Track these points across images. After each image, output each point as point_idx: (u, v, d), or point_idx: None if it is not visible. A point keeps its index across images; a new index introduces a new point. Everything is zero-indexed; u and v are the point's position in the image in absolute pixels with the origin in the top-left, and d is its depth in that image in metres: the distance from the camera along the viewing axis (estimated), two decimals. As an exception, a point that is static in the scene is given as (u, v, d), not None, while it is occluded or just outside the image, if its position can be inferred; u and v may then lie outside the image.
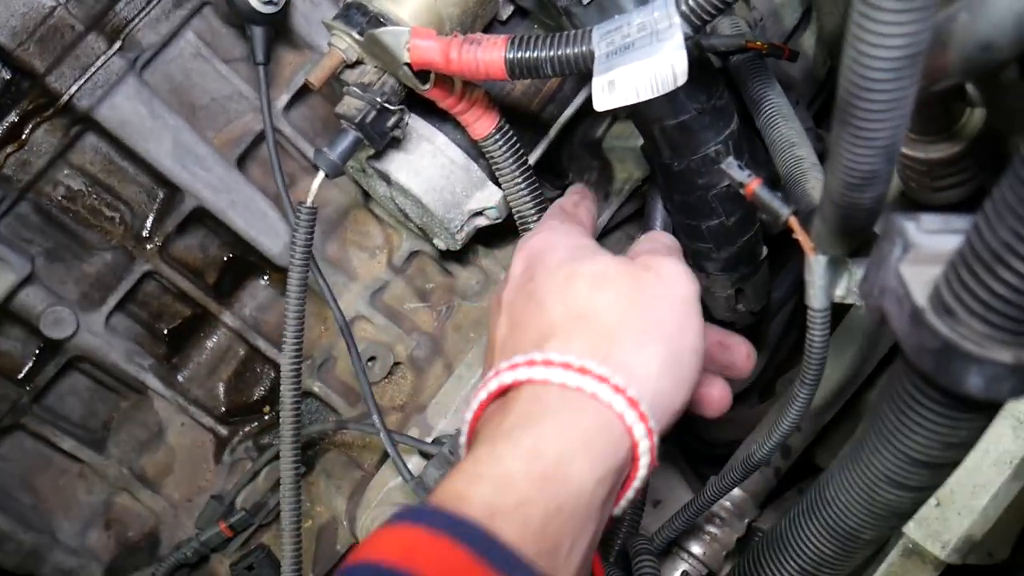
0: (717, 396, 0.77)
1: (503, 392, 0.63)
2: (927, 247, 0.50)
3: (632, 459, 0.61)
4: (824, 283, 0.66)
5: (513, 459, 0.57)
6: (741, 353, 0.80)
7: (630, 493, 0.63)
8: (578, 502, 0.56)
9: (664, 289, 0.68)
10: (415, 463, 1.03)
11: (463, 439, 0.66)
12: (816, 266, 0.65)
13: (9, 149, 0.92)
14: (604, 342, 0.63)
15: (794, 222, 0.64)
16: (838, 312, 0.84)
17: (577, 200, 0.90)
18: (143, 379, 1.07)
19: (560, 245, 0.73)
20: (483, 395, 0.64)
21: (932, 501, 0.79)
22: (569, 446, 0.58)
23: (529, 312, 0.68)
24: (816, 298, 0.67)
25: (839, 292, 0.68)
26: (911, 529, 0.80)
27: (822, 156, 0.90)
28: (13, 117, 0.91)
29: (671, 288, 0.68)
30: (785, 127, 0.91)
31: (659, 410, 0.63)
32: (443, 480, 0.58)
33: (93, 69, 0.92)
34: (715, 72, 0.91)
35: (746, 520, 1.10)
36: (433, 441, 1.04)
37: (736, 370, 0.79)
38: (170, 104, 0.99)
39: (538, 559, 0.52)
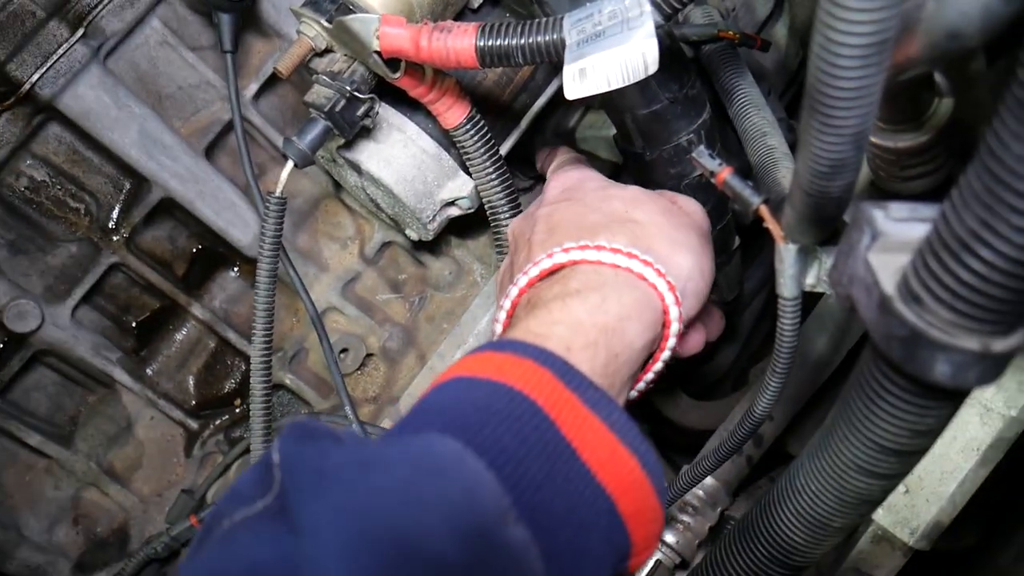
0: (695, 339, 0.87)
1: (553, 272, 0.73)
2: (895, 235, 0.50)
3: (663, 336, 0.73)
4: (794, 272, 0.66)
5: (583, 311, 0.67)
6: (715, 318, 0.93)
7: (658, 365, 0.75)
8: (630, 355, 0.69)
9: (688, 218, 0.81)
10: (388, 455, 1.03)
11: (503, 314, 0.75)
12: (786, 255, 0.65)
13: (-31, 139, 0.90)
14: (643, 241, 0.74)
15: (764, 211, 0.64)
16: (809, 301, 0.84)
17: (579, 155, 1.02)
18: (111, 373, 1.05)
19: (594, 177, 0.87)
20: (535, 271, 0.74)
21: (901, 488, 0.80)
22: (625, 310, 0.69)
23: (572, 214, 0.79)
24: (786, 287, 0.67)
25: (809, 281, 0.68)
26: (880, 516, 0.81)
27: (794, 146, 0.91)
28: (-27, 106, 0.89)
29: (693, 218, 0.82)
30: (757, 116, 0.91)
31: (688, 298, 0.75)
32: (515, 327, 0.69)
33: (55, 57, 0.90)
34: (687, 61, 0.90)
35: (719, 509, 1.10)
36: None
37: (707, 332, 0.90)
38: (136, 93, 0.97)
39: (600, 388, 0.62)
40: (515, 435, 0.55)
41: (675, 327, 0.72)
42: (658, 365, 0.75)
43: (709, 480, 1.10)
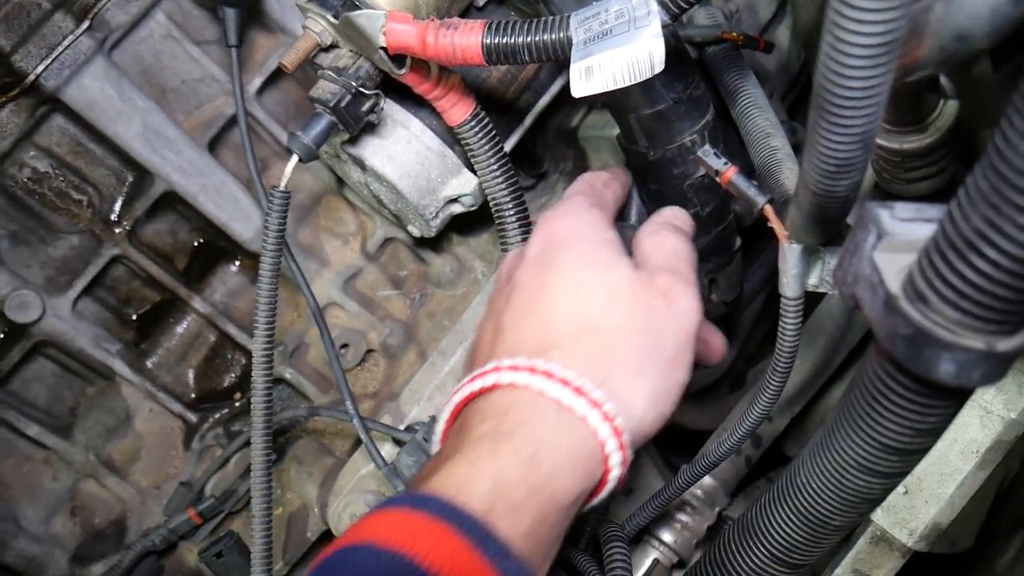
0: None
1: (495, 388, 0.64)
2: (901, 235, 0.50)
3: (601, 482, 0.64)
4: (798, 271, 0.66)
5: (512, 465, 0.59)
6: (717, 346, 0.81)
7: (587, 507, 0.66)
8: (559, 516, 0.60)
9: (674, 322, 0.68)
10: (388, 450, 1.03)
11: (441, 426, 0.67)
12: (790, 254, 0.66)
13: (-27, 129, 0.90)
14: (604, 363, 0.65)
15: (769, 210, 0.64)
16: (809, 303, 0.85)
17: (608, 180, 0.87)
18: (111, 364, 1.05)
19: (582, 238, 0.72)
20: (476, 386, 0.65)
21: (900, 489, 0.80)
22: (559, 464, 0.60)
23: (539, 308, 0.69)
24: (789, 286, 0.67)
25: (812, 281, 0.68)
26: (879, 516, 0.81)
27: (796, 148, 0.91)
28: (-23, 97, 0.89)
29: (681, 321, 0.69)
30: (760, 118, 0.91)
31: (637, 438, 0.66)
32: (439, 468, 0.60)
33: (60, 49, 0.90)
34: (691, 62, 0.91)
35: (717, 508, 1.11)
36: (406, 428, 1.03)
37: (708, 361, 0.81)
38: (140, 86, 0.97)
39: (520, 559, 0.55)
40: None
41: (616, 472, 0.63)
42: (587, 507, 0.66)
43: (707, 480, 1.10)
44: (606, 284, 0.68)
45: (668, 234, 0.77)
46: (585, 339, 0.65)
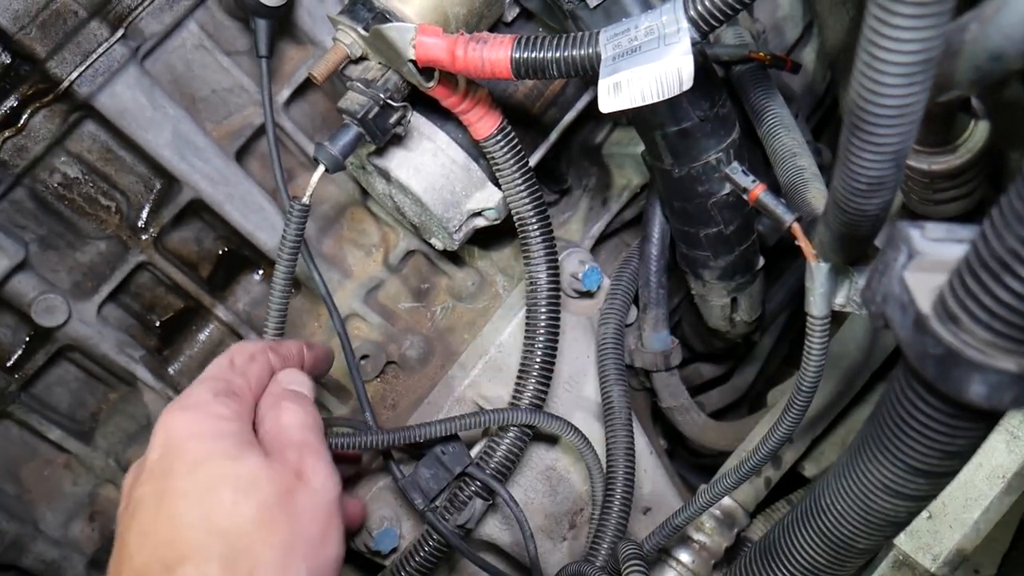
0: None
1: None
2: (931, 255, 0.50)
3: None
4: (825, 291, 0.66)
5: None
6: (355, 513, 0.94)
7: None
8: None
9: (312, 499, 0.65)
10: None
11: None
12: (818, 273, 0.65)
13: (7, 134, 0.91)
14: (244, 567, 0.59)
15: (797, 228, 0.64)
16: (832, 325, 0.84)
17: (254, 353, 0.78)
18: (133, 370, 1.06)
19: (206, 433, 0.66)
20: None
21: (924, 513, 0.79)
22: None
23: (163, 520, 0.62)
24: (816, 305, 0.67)
25: (839, 300, 0.68)
26: (902, 541, 0.80)
27: (821, 169, 0.91)
28: (12, 102, 0.90)
29: (320, 498, 0.66)
30: (787, 137, 0.91)
31: None
32: None
33: (95, 56, 0.91)
34: (718, 81, 0.91)
35: (735, 530, 1.10)
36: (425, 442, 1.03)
37: (352, 526, 0.90)
38: (170, 94, 0.98)
39: None
40: None
41: None
42: None
43: (727, 500, 1.09)
44: (233, 478, 0.62)
45: (287, 405, 0.73)
46: (218, 544, 0.60)
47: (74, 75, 0.90)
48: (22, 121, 0.91)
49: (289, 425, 0.70)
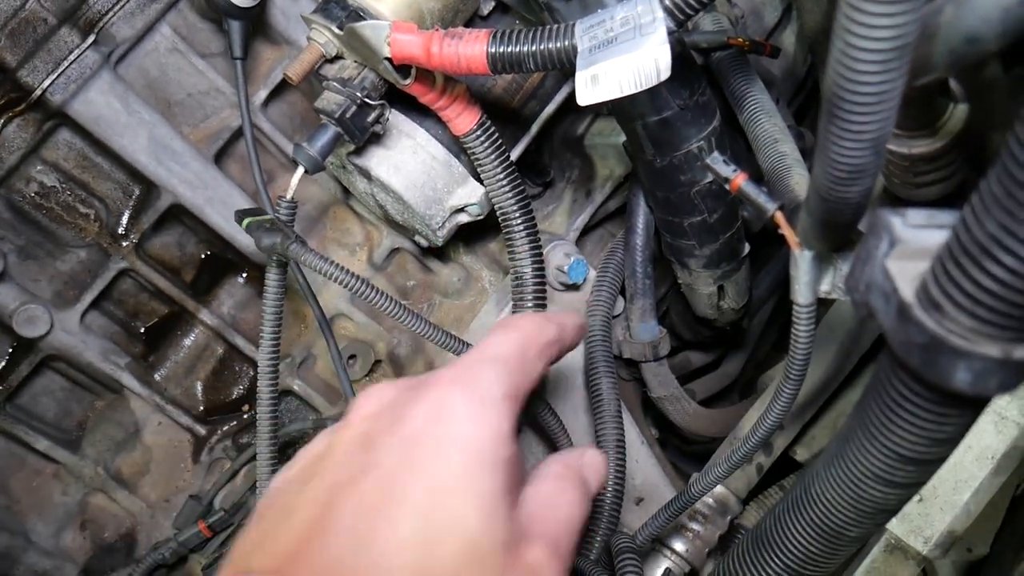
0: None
1: None
2: (913, 242, 0.49)
3: None
4: (809, 278, 0.66)
5: None
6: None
7: None
8: None
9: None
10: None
11: None
12: (802, 261, 0.65)
13: (-20, 144, 0.90)
14: None
15: (780, 217, 0.63)
16: (820, 309, 0.84)
17: (548, 345, 0.60)
18: (119, 378, 1.05)
19: (474, 448, 0.49)
20: None
21: (915, 497, 0.79)
22: None
23: (380, 525, 0.46)
24: (801, 293, 0.66)
25: (824, 287, 0.68)
26: (893, 525, 0.80)
27: (804, 154, 0.90)
28: (-16, 111, 0.89)
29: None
30: (768, 123, 0.91)
31: None
32: None
33: (67, 63, 0.90)
34: (697, 68, 0.90)
35: (728, 517, 1.10)
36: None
37: None
38: (145, 99, 0.97)
39: None
40: None
41: None
42: None
43: (719, 488, 1.09)
44: (469, 535, 0.47)
45: (569, 491, 0.56)
46: None
47: (46, 83, 0.89)
48: (-5, 131, 0.90)
49: (560, 516, 0.54)
